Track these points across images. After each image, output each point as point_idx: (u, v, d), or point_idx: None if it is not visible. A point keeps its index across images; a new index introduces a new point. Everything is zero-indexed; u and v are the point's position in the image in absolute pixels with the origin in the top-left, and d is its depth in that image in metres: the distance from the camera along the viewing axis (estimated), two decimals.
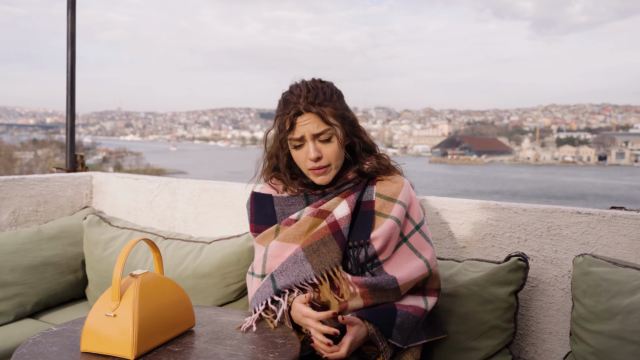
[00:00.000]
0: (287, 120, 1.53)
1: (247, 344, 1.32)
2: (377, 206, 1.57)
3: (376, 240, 1.52)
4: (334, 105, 1.54)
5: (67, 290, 2.39)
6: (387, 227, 1.53)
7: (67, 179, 2.75)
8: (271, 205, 1.63)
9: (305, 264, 1.49)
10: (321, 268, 1.49)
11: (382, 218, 1.55)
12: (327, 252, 1.50)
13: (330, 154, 1.53)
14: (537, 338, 1.89)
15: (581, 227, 1.82)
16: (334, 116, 1.54)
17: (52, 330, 1.37)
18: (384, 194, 1.58)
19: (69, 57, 3.01)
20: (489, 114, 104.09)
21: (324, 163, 1.53)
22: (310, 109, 1.51)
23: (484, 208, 1.97)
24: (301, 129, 1.51)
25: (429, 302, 1.59)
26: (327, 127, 1.52)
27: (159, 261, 1.43)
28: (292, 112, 1.52)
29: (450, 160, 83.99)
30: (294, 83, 1.58)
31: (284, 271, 1.51)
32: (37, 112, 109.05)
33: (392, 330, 1.49)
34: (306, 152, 1.53)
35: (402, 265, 1.55)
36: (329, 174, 1.55)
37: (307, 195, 1.61)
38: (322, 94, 1.53)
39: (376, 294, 1.51)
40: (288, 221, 1.59)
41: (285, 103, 1.55)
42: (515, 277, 1.76)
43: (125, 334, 1.22)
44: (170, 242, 2.27)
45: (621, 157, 79.56)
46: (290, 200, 1.62)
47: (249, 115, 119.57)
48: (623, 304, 1.54)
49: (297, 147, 1.55)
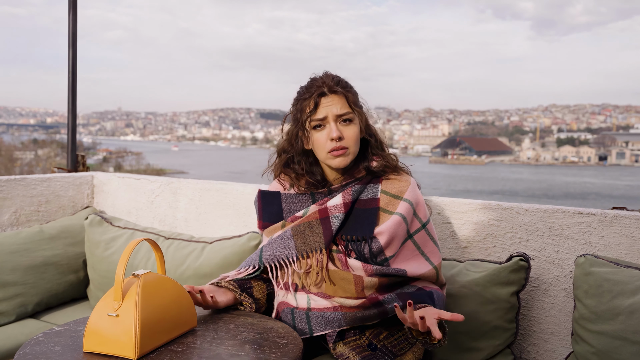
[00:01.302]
0: (311, 101, 1.56)
1: (249, 344, 1.32)
2: (382, 203, 1.58)
3: (381, 235, 1.53)
4: (353, 95, 1.60)
5: (68, 290, 2.39)
6: (392, 223, 1.54)
7: (69, 179, 2.75)
8: (278, 202, 1.66)
9: (290, 242, 1.56)
10: (303, 249, 1.55)
11: (387, 214, 1.56)
12: (311, 234, 1.55)
13: (351, 136, 1.56)
14: (538, 338, 1.89)
15: (583, 228, 1.82)
16: (354, 103, 1.59)
17: (54, 330, 1.37)
18: (390, 191, 1.59)
19: (70, 57, 3.01)
20: (489, 114, 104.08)
21: (345, 144, 1.55)
22: (335, 90, 1.56)
23: (485, 208, 1.97)
24: (325, 109, 1.55)
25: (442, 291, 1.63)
26: (350, 109, 1.56)
27: (161, 261, 1.43)
28: (315, 93, 1.55)
29: (451, 160, 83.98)
30: (313, 76, 1.62)
31: (271, 244, 1.60)
32: (37, 112, 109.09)
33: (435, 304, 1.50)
34: (327, 133, 1.55)
35: (407, 261, 1.57)
36: (347, 156, 1.57)
37: (314, 193, 1.63)
38: (345, 82, 1.60)
39: (387, 278, 1.53)
40: (294, 218, 1.62)
41: (308, 88, 1.59)
42: (517, 278, 1.76)
43: (127, 334, 1.22)
44: (171, 242, 2.27)
45: (622, 157, 79.53)
46: (297, 198, 1.64)
47: (249, 116, 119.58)
48: (625, 304, 1.54)
49: (317, 128, 1.57)
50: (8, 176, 2.53)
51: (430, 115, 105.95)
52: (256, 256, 1.63)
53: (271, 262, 1.59)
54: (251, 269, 1.63)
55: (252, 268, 1.63)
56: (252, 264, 1.63)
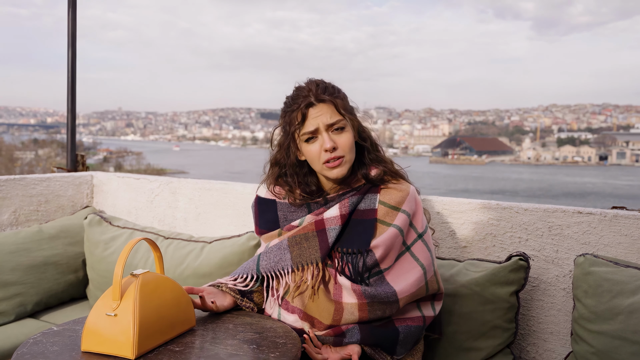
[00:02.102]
0: (299, 114, 1.50)
1: (247, 344, 1.31)
2: (380, 214, 1.53)
3: (377, 248, 1.49)
4: (341, 101, 1.53)
5: (68, 290, 2.39)
6: (388, 236, 1.50)
7: (68, 179, 2.74)
8: (274, 210, 1.63)
9: (286, 253, 1.53)
10: (298, 261, 1.52)
11: (384, 226, 1.52)
12: (307, 247, 1.52)
13: (345, 144, 1.50)
14: (538, 338, 1.89)
15: (582, 227, 1.81)
16: (344, 109, 1.53)
17: (52, 329, 1.36)
18: (389, 202, 1.53)
19: (70, 57, 3.02)
20: (489, 114, 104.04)
21: (339, 153, 1.50)
22: (323, 99, 1.49)
23: (485, 208, 1.97)
24: (314, 121, 1.49)
25: (437, 307, 1.60)
26: (341, 116, 1.51)
27: (160, 261, 1.42)
28: (302, 104, 1.49)
29: (451, 160, 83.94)
30: (298, 84, 1.56)
31: (268, 253, 1.56)
32: (37, 112, 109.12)
33: (396, 347, 1.50)
34: (320, 144, 1.50)
35: (403, 275, 1.52)
36: (344, 166, 1.51)
37: (309, 204, 1.59)
38: (331, 88, 1.54)
39: (374, 307, 1.48)
40: (290, 227, 1.58)
41: (294, 99, 1.52)
42: (516, 277, 1.76)
43: (125, 334, 1.21)
44: (171, 241, 2.26)
45: (622, 157, 79.50)
46: (292, 208, 1.60)
47: (249, 115, 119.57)
48: (624, 304, 1.53)
49: (309, 141, 1.52)
50: (7, 176, 2.53)
51: (431, 115, 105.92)
52: (253, 264, 1.58)
53: (268, 272, 1.55)
54: (250, 279, 1.57)
55: (250, 278, 1.57)
56: (249, 273, 1.57)
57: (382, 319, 1.52)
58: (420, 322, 1.54)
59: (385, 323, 1.52)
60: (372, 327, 1.49)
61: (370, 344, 1.48)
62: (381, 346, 1.49)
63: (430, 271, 1.55)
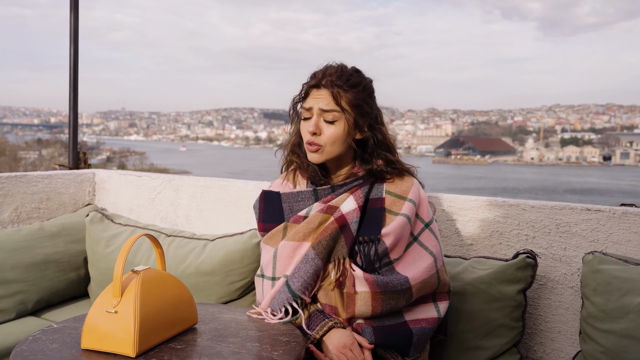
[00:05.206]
0: (305, 89, 1.56)
1: (250, 342, 1.29)
2: (387, 203, 1.55)
3: (387, 236, 1.50)
4: (354, 94, 1.52)
5: (69, 288, 2.37)
6: (398, 224, 1.51)
7: (70, 176, 2.73)
8: (279, 202, 1.62)
9: (317, 261, 1.49)
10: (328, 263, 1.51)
11: (392, 215, 1.53)
12: (335, 246, 1.51)
13: (329, 136, 1.52)
14: (545, 337, 1.86)
15: (591, 224, 1.79)
16: (349, 103, 1.52)
17: (52, 327, 1.34)
18: (394, 191, 1.56)
19: (72, 55, 3.03)
20: (492, 114, 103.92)
21: (319, 142, 1.52)
22: (326, 86, 1.52)
23: (491, 205, 1.94)
24: (312, 101, 1.53)
25: (441, 308, 1.57)
26: (337, 108, 1.51)
27: (161, 257, 1.40)
28: (311, 82, 1.55)
29: (454, 160, 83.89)
30: (328, 63, 1.58)
31: (297, 272, 1.50)
32: (41, 112, 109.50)
33: (410, 349, 1.50)
34: (308, 125, 1.54)
35: (413, 264, 1.52)
36: (320, 154, 1.54)
37: (316, 190, 1.58)
38: (347, 79, 1.52)
39: (387, 297, 1.47)
40: (297, 218, 1.56)
41: (313, 74, 1.57)
42: (523, 275, 1.74)
43: (126, 331, 1.19)
44: (173, 239, 2.24)
45: (626, 157, 79.32)
46: (299, 196, 1.59)
47: (252, 115, 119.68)
48: (634, 303, 1.51)
49: (305, 119, 1.56)
50: (9, 173, 2.52)
51: (434, 115, 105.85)
52: (285, 293, 1.49)
53: (306, 289, 1.49)
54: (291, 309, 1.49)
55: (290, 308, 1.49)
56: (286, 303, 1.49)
57: (395, 316, 1.51)
58: (434, 323, 1.55)
59: (399, 324, 1.51)
60: (386, 330, 1.50)
61: (384, 346, 1.49)
62: (394, 347, 1.50)
63: (440, 260, 1.56)
